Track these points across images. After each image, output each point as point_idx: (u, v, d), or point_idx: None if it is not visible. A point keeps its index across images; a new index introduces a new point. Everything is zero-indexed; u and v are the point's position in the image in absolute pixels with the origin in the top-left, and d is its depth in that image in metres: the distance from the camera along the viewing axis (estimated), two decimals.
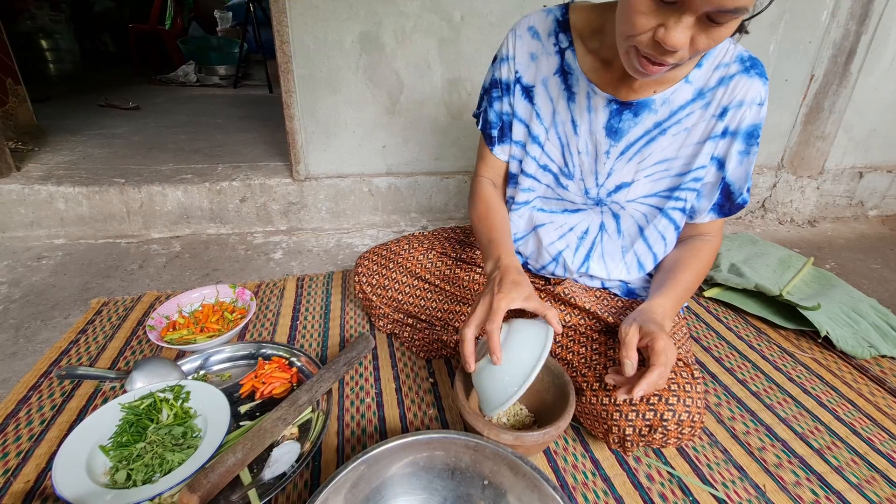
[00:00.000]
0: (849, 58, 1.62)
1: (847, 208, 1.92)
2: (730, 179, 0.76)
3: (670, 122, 0.74)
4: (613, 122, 0.76)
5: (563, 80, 0.78)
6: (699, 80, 0.71)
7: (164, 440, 0.74)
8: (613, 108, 0.75)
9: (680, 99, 0.72)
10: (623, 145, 0.77)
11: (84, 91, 2.98)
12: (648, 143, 0.76)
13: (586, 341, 0.81)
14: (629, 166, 0.78)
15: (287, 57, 1.40)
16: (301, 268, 1.40)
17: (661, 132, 0.75)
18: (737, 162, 0.75)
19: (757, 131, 0.73)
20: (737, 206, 0.79)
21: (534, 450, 0.74)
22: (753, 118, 0.71)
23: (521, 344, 0.68)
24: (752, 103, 0.70)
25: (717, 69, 0.70)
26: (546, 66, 0.79)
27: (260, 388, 0.89)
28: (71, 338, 1.04)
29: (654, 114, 0.74)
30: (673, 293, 0.75)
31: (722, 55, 0.70)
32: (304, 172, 1.58)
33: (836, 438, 0.87)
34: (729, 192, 0.77)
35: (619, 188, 0.81)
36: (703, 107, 0.72)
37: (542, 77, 0.80)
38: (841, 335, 1.10)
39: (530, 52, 0.80)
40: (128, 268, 1.35)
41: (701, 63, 0.70)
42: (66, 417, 0.84)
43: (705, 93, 0.71)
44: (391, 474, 0.66)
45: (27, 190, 1.44)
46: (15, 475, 0.74)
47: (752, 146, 0.74)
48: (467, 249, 1.06)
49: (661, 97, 0.72)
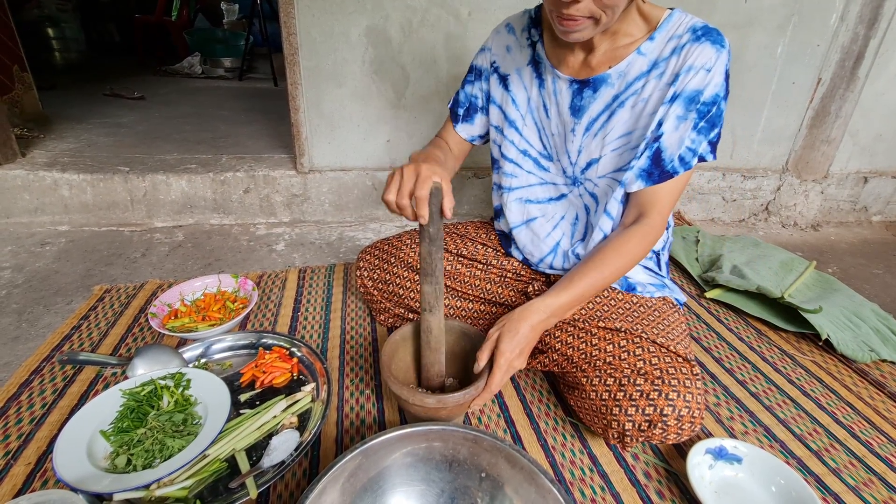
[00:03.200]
0: (857, 62, 1.61)
1: (851, 213, 1.92)
2: (663, 144, 0.74)
3: (627, 94, 0.77)
4: (576, 100, 0.81)
5: (534, 69, 0.85)
6: (653, 51, 0.74)
7: (164, 426, 0.75)
8: (575, 88, 0.80)
9: (635, 71, 0.75)
10: (586, 121, 0.81)
11: (89, 80, 2.99)
12: (610, 118, 0.79)
13: (586, 336, 0.81)
14: (595, 142, 0.81)
15: (293, 48, 1.40)
16: (303, 260, 1.40)
17: (620, 104, 0.77)
18: (672, 126, 0.73)
19: (699, 97, 0.72)
20: (666, 173, 0.75)
21: (457, 411, 0.76)
22: (698, 83, 0.71)
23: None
24: (701, 68, 0.70)
25: (670, 40, 0.73)
26: (520, 57, 0.87)
27: (260, 377, 0.89)
28: (73, 323, 1.05)
29: (612, 87, 0.77)
30: (571, 292, 0.75)
31: (675, 27, 0.73)
32: (308, 165, 1.58)
33: (834, 441, 0.87)
34: (659, 157, 0.75)
35: (589, 165, 0.84)
36: (657, 76, 0.74)
37: (517, 67, 0.87)
38: (842, 338, 1.10)
39: (506, 45, 0.88)
40: (130, 256, 1.36)
41: (654, 36, 0.74)
42: (68, 402, 0.85)
43: (659, 63, 0.74)
44: (389, 465, 0.66)
45: (32, 176, 1.44)
46: (16, 457, 0.74)
47: (691, 112, 0.72)
48: (468, 245, 1.06)
49: (617, 70, 0.76)
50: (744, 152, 1.77)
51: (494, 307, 1.02)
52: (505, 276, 1.03)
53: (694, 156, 0.75)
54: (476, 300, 1.03)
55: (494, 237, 1.08)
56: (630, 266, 0.78)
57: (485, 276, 1.03)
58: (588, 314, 0.83)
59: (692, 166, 0.75)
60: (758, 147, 1.77)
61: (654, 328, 0.81)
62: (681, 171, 0.75)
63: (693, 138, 0.74)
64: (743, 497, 0.74)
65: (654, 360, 0.74)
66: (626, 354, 0.76)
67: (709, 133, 0.74)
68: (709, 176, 1.78)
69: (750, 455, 0.77)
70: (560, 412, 0.90)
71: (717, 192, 1.81)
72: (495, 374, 0.71)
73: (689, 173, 0.77)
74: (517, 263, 1.03)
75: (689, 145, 0.74)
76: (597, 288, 0.77)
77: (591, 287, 0.76)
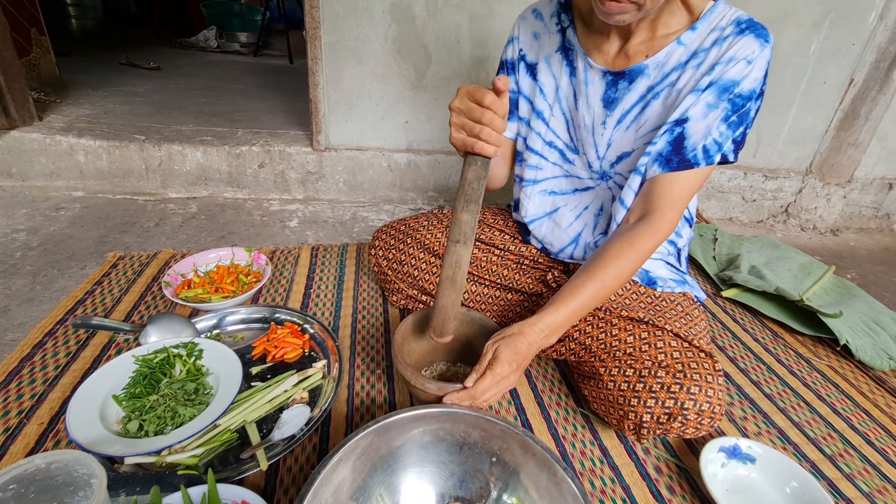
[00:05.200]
0: (892, 63, 1.56)
1: (872, 219, 1.88)
2: (688, 130, 0.71)
3: (663, 85, 0.74)
4: (609, 92, 0.78)
5: (564, 56, 0.82)
6: (694, 42, 0.71)
7: (176, 394, 0.75)
8: (609, 80, 0.78)
9: (673, 61, 0.73)
10: (618, 114, 0.78)
11: (105, 48, 2.97)
12: (644, 110, 0.76)
13: (606, 327, 0.80)
14: (627, 135, 0.78)
15: (316, 22, 1.37)
16: (316, 237, 1.40)
17: (654, 96, 0.75)
18: (701, 112, 0.70)
19: (734, 87, 0.68)
20: (686, 162, 0.71)
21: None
22: (736, 74, 0.68)
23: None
24: (741, 59, 0.68)
25: (712, 31, 0.70)
26: (549, 44, 0.83)
27: (272, 351, 0.89)
28: (87, 288, 1.05)
29: (648, 78, 0.75)
30: (570, 307, 0.71)
31: (719, 19, 0.70)
32: (325, 143, 1.56)
33: (848, 446, 0.86)
34: (682, 144, 0.71)
35: (620, 159, 0.81)
36: (694, 66, 0.71)
37: (545, 55, 0.84)
38: (860, 345, 1.08)
39: (534, 32, 0.85)
40: (144, 224, 1.35)
41: (696, 26, 0.71)
42: (80, 365, 0.85)
43: (699, 53, 0.71)
44: (401, 444, 0.65)
45: (48, 140, 1.43)
46: (29, 417, 0.75)
47: (724, 101, 0.69)
48: (486, 230, 1.04)
49: (654, 61, 0.74)
50: (767, 152, 1.74)
51: (510, 293, 1.01)
52: (522, 262, 1.02)
53: (719, 150, 0.71)
54: (492, 285, 1.02)
55: (512, 224, 1.06)
56: (633, 270, 0.74)
57: (501, 262, 1.01)
58: (608, 305, 0.82)
59: (714, 161, 0.72)
60: (782, 147, 1.73)
61: (676, 322, 0.79)
62: (702, 163, 0.71)
63: (722, 131, 0.70)
64: (755, 497, 0.73)
65: (676, 354, 0.73)
66: (647, 346, 0.75)
67: (736, 129, 0.71)
68: (730, 174, 1.74)
69: (764, 456, 0.76)
70: (571, 402, 0.89)
71: (738, 192, 1.77)
72: (486, 378, 0.67)
73: (709, 170, 0.73)
74: (535, 250, 1.01)
75: (717, 137, 0.71)
76: (599, 298, 0.72)
77: (591, 298, 0.72)
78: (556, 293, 0.75)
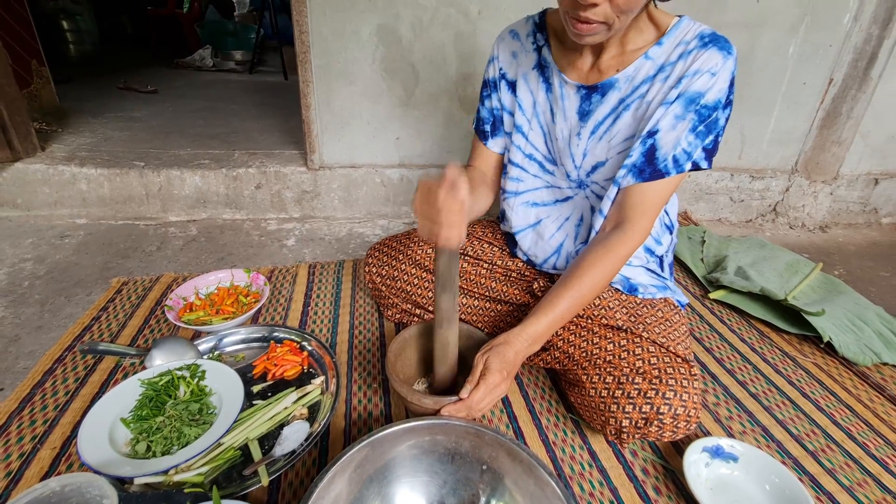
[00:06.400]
0: (870, 62, 1.60)
1: (860, 215, 1.91)
2: (658, 142, 0.75)
3: (633, 98, 0.78)
4: (584, 105, 0.82)
5: (540, 73, 0.87)
6: (661, 56, 0.75)
7: (181, 415, 0.78)
8: (583, 94, 0.82)
9: (642, 75, 0.77)
10: (592, 125, 0.82)
11: (103, 73, 3.03)
12: (615, 121, 0.80)
13: (588, 335, 0.83)
14: (601, 145, 0.83)
15: (305, 47, 1.42)
16: (313, 255, 1.44)
17: (625, 108, 0.79)
18: (670, 124, 0.74)
19: (700, 99, 0.72)
20: (658, 172, 0.75)
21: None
22: (701, 86, 0.72)
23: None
24: (706, 71, 0.71)
25: (678, 46, 0.74)
26: (526, 62, 0.88)
27: (272, 369, 0.93)
28: (93, 314, 1.09)
29: (619, 91, 0.79)
30: (550, 316, 0.76)
31: (684, 34, 0.74)
32: (319, 161, 1.60)
33: (831, 442, 0.89)
34: (653, 155, 0.75)
35: (595, 168, 0.85)
36: (662, 80, 0.75)
37: (523, 72, 0.89)
38: (843, 341, 1.11)
39: (512, 51, 0.90)
40: (146, 249, 1.40)
41: (662, 41, 0.75)
42: (89, 390, 0.89)
43: (666, 67, 0.75)
44: (395, 456, 0.69)
45: (51, 170, 1.48)
46: (42, 442, 0.78)
47: (690, 112, 0.73)
48: (475, 244, 1.08)
49: (624, 75, 0.78)
50: (753, 153, 1.77)
51: (499, 305, 1.05)
52: (510, 274, 1.05)
53: (688, 159, 0.75)
54: (481, 298, 1.05)
55: (500, 236, 1.10)
56: (610, 277, 0.78)
57: (490, 275, 1.05)
58: (589, 313, 0.85)
59: (685, 170, 0.76)
60: (767, 147, 1.76)
61: (655, 328, 0.82)
62: (673, 172, 0.75)
63: (690, 140, 0.74)
64: (738, 495, 0.76)
65: (653, 360, 0.76)
66: (626, 354, 0.78)
67: (705, 138, 0.75)
68: (717, 176, 1.78)
69: (746, 454, 0.79)
70: (561, 409, 0.92)
71: (725, 193, 1.81)
72: (479, 388, 0.70)
73: (681, 177, 0.77)
74: (521, 263, 1.05)
75: (685, 147, 0.74)
76: (577, 306, 0.77)
77: (570, 307, 0.76)
78: (537, 303, 0.79)
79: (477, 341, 0.87)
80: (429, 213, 0.63)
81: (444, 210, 0.61)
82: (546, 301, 0.78)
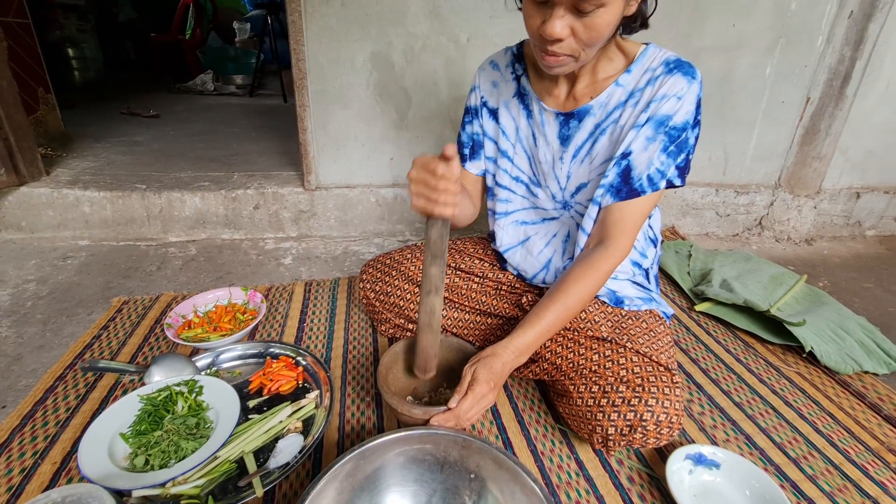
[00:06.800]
0: (844, 81, 1.66)
1: (844, 228, 1.95)
2: (632, 162, 0.79)
3: (607, 122, 0.83)
4: (563, 130, 0.87)
5: (520, 101, 0.92)
6: (630, 83, 0.80)
7: (179, 429, 0.81)
8: (561, 120, 0.87)
9: (614, 101, 0.82)
10: (573, 149, 0.87)
11: (107, 98, 3.12)
12: (594, 145, 0.85)
13: (574, 346, 0.86)
14: (582, 168, 0.87)
15: (302, 73, 1.48)
16: (309, 273, 1.47)
17: (601, 132, 0.84)
18: (641, 146, 0.79)
19: (668, 121, 0.77)
20: (634, 191, 0.80)
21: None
22: (669, 109, 0.77)
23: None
24: (672, 96, 0.76)
25: (645, 73, 0.79)
26: (506, 90, 0.93)
27: (268, 384, 0.95)
28: (94, 333, 1.12)
29: (594, 117, 0.84)
30: (537, 328, 0.79)
31: (650, 62, 0.79)
32: (315, 182, 1.65)
33: (813, 449, 0.91)
34: (629, 175, 0.80)
35: (578, 189, 0.90)
36: (633, 105, 0.80)
37: (504, 100, 0.94)
38: (825, 350, 1.14)
39: (492, 81, 0.95)
40: (147, 269, 1.43)
41: (631, 69, 0.80)
42: (89, 406, 0.91)
43: (635, 93, 0.80)
44: (384, 466, 0.71)
45: (56, 194, 1.53)
46: (43, 457, 0.81)
47: (660, 134, 0.78)
48: (466, 260, 1.12)
49: (598, 102, 0.83)
50: (736, 168, 1.83)
51: (490, 318, 1.08)
52: (500, 288, 1.09)
53: (662, 178, 0.79)
54: (472, 311, 1.09)
55: (491, 252, 1.14)
56: (594, 291, 0.81)
57: (481, 289, 1.08)
58: (576, 325, 0.89)
59: (660, 188, 0.80)
60: (750, 163, 1.82)
61: (640, 339, 0.86)
62: (648, 190, 0.80)
63: (663, 160, 0.79)
64: (720, 501, 0.78)
65: (637, 369, 0.79)
66: (611, 363, 0.81)
67: (677, 157, 0.79)
68: (702, 192, 1.83)
69: (728, 461, 0.81)
70: (550, 420, 0.95)
71: (711, 208, 1.86)
72: (467, 398, 0.73)
73: (657, 195, 0.82)
74: (512, 277, 1.08)
75: (659, 167, 0.79)
76: (563, 319, 0.80)
77: (556, 320, 0.79)
78: (525, 316, 0.83)
79: (467, 354, 0.90)
80: (425, 183, 0.68)
81: (441, 179, 0.66)
82: (533, 314, 0.81)
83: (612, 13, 0.66)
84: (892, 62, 1.67)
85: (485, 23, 1.49)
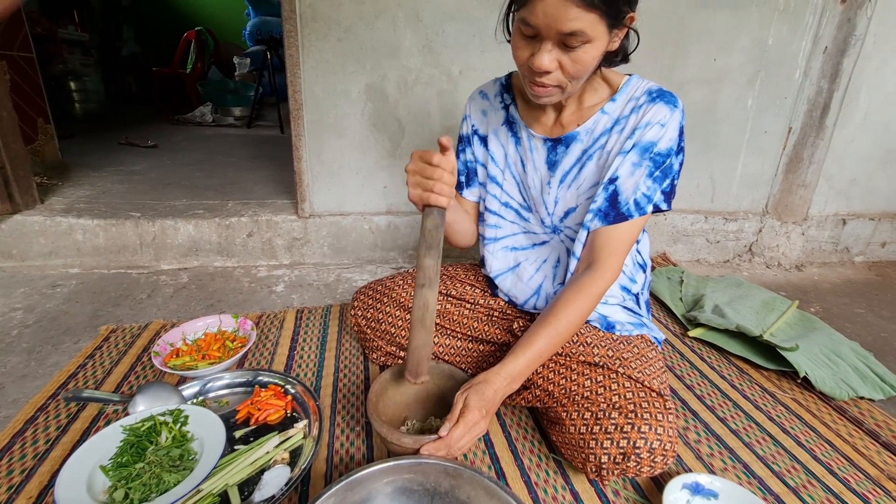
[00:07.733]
0: (823, 112, 1.72)
1: (833, 254, 1.98)
2: (619, 187, 0.81)
3: (594, 148, 0.86)
4: (551, 156, 0.90)
5: (509, 128, 0.95)
6: (615, 111, 0.84)
7: (162, 461, 0.78)
8: (549, 146, 0.89)
9: (600, 128, 0.85)
10: (560, 174, 0.90)
11: (106, 129, 3.16)
12: (581, 170, 0.88)
13: (566, 372, 0.85)
14: (570, 193, 0.89)
15: (298, 104, 1.52)
16: (301, 300, 1.46)
17: (588, 158, 0.86)
18: (628, 171, 0.81)
19: (653, 148, 0.79)
20: (621, 215, 0.81)
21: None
22: (653, 136, 0.79)
23: None
24: (655, 123, 0.79)
25: (629, 102, 0.83)
26: (495, 119, 0.96)
27: (255, 414, 0.93)
28: (79, 362, 1.09)
29: (581, 143, 0.87)
30: (528, 355, 0.78)
31: (634, 91, 0.83)
32: (309, 210, 1.67)
33: (812, 477, 0.89)
34: (616, 199, 0.82)
35: (567, 214, 0.92)
36: (618, 132, 0.83)
37: (494, 128, 0.97)
38: (819, 376, 1.13)
39: (482, 110, 0.98)
40: (137, 297, 1.42)
41: (615, 98, 0.83)
42: (70, 438, 0.89)
43: (620, 120, 0.83)
44: (371, 497, 0.69)
45: (49, 221, 1.53)
46: (18, 492, 0.77)
47: (646, 160, 0.80)
48: (458, 286, 1.12)
49: (584, 128, 0.86)
50: (724, 196, 1.86)
51: (481, 345, 1.07)
52: (492, 314, 1.08)
53: (649, 202, 0.81)
54: (464, 338, 1.08)
55: (482, 278, 1.14)
56: (584, 316, 0.81)
57: (472, 315, 1.08)
58: (568, 350, 0.88)
59: (647, 212, 0.81)
60: (737, 191, 1.86)
61: (632, 364, 0.85)
62: (635, 214, 0.81)
63: (649, 185, 0.81)
64: None
65: (629, 395, 0.78)
66: (603, 389, 0.81)
67: (662, 182, 0.81)
68: (692, 219, 1.85)
69: (726, 490, 0.80)
70: (544, 449, 0.93)
71: (701, 234, 1.88)
72: (458, 426, 0.71)
73: (644, 219, 0.83)
74: (503, 303, 1.08)
75: (645, 191, 0.81)
76: (555, 344, 0.79)
77: (548, 345, 0.79)
78: (516, 342, 0.82)
79: (459, 381, 0.89)
80: (421, 173, 0.70)
81: (438, 168, 0.68)
82: (524, 340, 0.80)
83: (597, 48, 0.70)
84: (867, 94, 1.74)
85: (476, 56, 1.55)
